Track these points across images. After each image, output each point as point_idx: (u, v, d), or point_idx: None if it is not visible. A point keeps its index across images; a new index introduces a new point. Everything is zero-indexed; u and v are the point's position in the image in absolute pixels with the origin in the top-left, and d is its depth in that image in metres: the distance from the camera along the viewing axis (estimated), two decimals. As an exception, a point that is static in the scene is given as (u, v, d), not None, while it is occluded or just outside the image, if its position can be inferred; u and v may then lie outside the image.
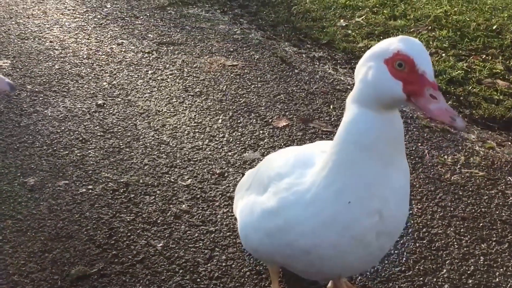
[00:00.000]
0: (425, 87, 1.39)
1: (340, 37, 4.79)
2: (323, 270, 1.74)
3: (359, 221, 1.57)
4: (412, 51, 1.40)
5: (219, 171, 3.02)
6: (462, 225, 2.69)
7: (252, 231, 1.88)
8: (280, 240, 1.72)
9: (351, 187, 1.55)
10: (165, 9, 5.40)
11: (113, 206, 2.72)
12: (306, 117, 3.59)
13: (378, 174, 1.54)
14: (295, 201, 1.66)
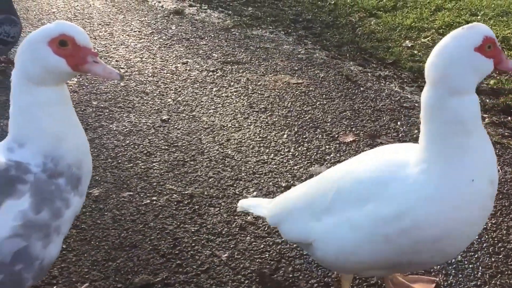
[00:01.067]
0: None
1: (406, 56, 4.66)
2: (446, 253, 1.78)
3: (483, 193, 1.68)
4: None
5: (285, 185, 2.93)
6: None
7: (358, 246, 1.76)
8: (408, 240, 1.69)
9: (469, 166, 1.65)
10: (229, 30, 5.45)
11: (177, 217, 2.67)
12: (373, 133, 3.46)
13: (484, 145, 1.70)
14: (418, 199, 1.66)
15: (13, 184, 1.63)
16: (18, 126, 1.72)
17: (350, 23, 5.54)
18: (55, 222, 1.69)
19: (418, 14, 5.53)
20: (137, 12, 5.89)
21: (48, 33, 1.67)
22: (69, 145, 1.73)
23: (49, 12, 5.76)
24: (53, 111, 1.70)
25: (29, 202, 1.63)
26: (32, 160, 1.69)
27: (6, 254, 1.60)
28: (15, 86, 1.71)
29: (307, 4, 6.16)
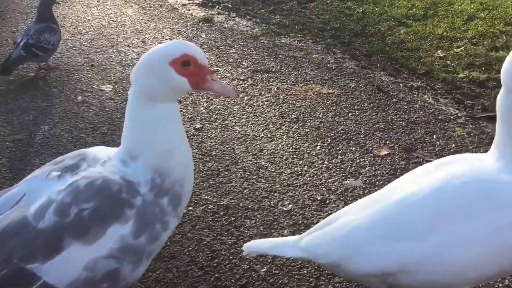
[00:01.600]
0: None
1: (439, 67, 4.62)
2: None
3: None
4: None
5: (320, 198, 2.93)
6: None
7: (479, 259, 1.70)
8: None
9: None
10: (258, 38, 5.46)
11: (214, 228, 2.68)
12: (408, 146, 3.44)
13: None
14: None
15: (122, 208, 1.67)
16: (132, 138, 1.79)
17: (379, 32, 5.51)
18: (150, 247, 1.74)
19: (450, 23, 5.48)
20: (168, 20, 5.94)
21: (171, 53, 1.73)
22: (177, 161, 1.79)
23: (85, 20, 5.84)
24: (166, 127, 1.77)
25: (131, 228, 1.68)
26: (143, 176, 1.74)
27: (98, 272, 1.64)
28: (132, 102, 1.78)
29: (335, 13, 6.15)
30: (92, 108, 3.91)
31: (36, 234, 1.61)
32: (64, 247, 1.60)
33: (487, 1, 6.04)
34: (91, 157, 1.82)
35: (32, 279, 1.59)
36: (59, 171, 1.77)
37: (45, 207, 1.64)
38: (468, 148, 3.42)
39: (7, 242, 1.61)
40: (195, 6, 6.65)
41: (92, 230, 1.62)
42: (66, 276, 1.61)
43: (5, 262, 1.58)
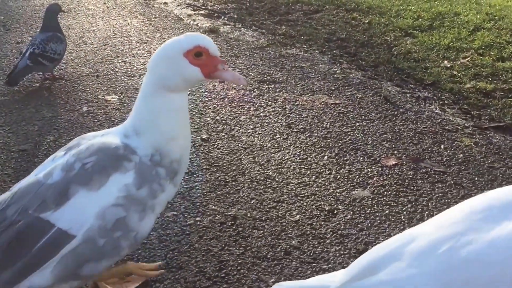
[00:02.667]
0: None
1: (446, 77, 4.61)
2: None
3: None
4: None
5: (328, 208, 2.90)
6: None
7: None
8: None
9: None
10: (264, 49, 5.47)
11: (221, 239, 2.65)
12: (416, 156, 3.41)
13: None
14: None
15: (120, 161, 1.85)
16: (141, 118, 1.94)
17: (385, 42, 5.51)
18: (151, 201, 1.90)
19: (456, 33, 5.48)
20: (173, 30, 5.95)
21: (185, 45, 1.86)
22: (178, 144, 1.96)
23: (90, 30, 5.86)
24: (175, 116, 1.93)
25: (133, 178, 1.85)
26: (143, 150, 1.91)
27: (109, 220, 1.81)
28: (147, 89, 1.92)
29: (341, 23, 6.16)
30: (98, 118, 3.90)
31: (46, 188, 1.80)
32: (72, 194, 1.78)
33: (493, 12, 6.04)
34: (90, 135, 2.03)
35: (46, 227, 1.75)
36: (63, 150, 1.98)
37: (53, 169, 1.86)
38: (475, 158, 3.39)
39: (22, 199, 1.81)
40: (201, 17, 6.67)
41: (95, 178, 1.80)
42: (78, 222, 1.78)
43: (21, 214, 1.77)
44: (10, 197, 1.84)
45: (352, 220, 2.81)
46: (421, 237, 1.59)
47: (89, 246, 1.79)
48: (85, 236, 1.78)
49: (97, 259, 1.84)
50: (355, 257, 2.53)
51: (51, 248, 1.76)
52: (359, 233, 2.71)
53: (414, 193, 3.04)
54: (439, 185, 3.11)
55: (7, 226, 1.77)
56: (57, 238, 1.75)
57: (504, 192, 1.58)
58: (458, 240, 1.50)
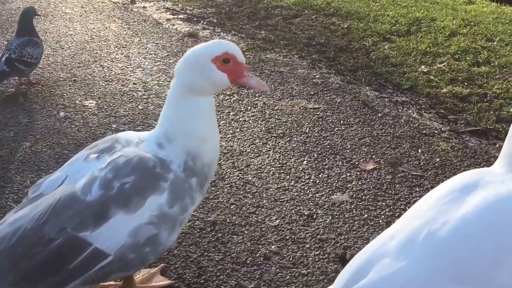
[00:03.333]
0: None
1: (423, 82, 4.66)
2: None
3: None
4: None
5: (307, 213, 2.90)
6: None
7: None
8: None
9: None
10: (243, 54, 5.46)
11: (200, 245, 2.64)
12: (394, 160, 3.44)
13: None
14: None
15: (158, 181, 1.91)
16: (171, 124, 2.01)
17: (364, 47, 5.55)
18: (181, 216, 1.99)
19: (433, 39, 5.55)
20: (152, 35, 5.92)
21: (213, 51, 1.95)
22: (209, 146, 2.04)
23: (67, 34, 5.80)
24: (203, 117, 2.01)
25: (166, 198, 1.91)
26: (176, 158, 1.98)
27: (141, 237, 1.88)
28: (174, 93, 2.00)
29: (320, 28, 6.19)
30: (75, 124, 3.86)
31: (85, 206, 1.83)
32: (111, 215, 1.83)
33: (469, 18, 6.14)
34: (123, 140, 2.05)
35: (84, 245, 1.81)
36: (96, 153, 2.00)
37: (90, 182, 1.87)
38: (452, 162, 3.44)
39: (59, 215, 1.82)
40: (180, 21, 6.65)
41: (134, 200, 1.85)
42: (113, 242, 1.84)
43: (59, 231, 1.80)
44: (47, 210, 1.84)
45: (331, 224, 2.82)
46: (399, 233, 1.70)
47: (119, 261, 1.88)
48: (118, 252, 1.86)
49: (124, 270, 1.96)
50: (334, 261, 2.54)
51: (86, 265, 1.83)
52: (338, 237, 2.72)
53: (392, 197, 3.06)
54: (417, 189, 3.14)
55: (46, 244, 1.80)
56: (93, 256, 1.83)
57: (459, 177, 1.79)
58: (432, 225, 1.63)
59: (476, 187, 1.76)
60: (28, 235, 1.80)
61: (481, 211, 1.65)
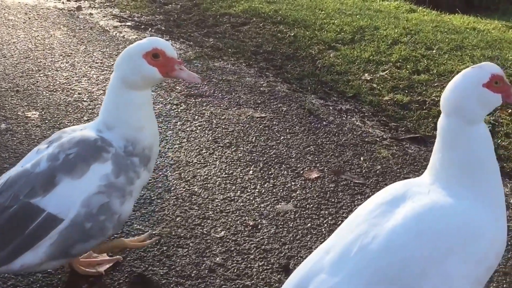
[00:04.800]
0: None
1: (366, 90, 4.80)
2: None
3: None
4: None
5: (252, 223, 2.95)
6: (505, 280, 2.59)
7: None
8: (492, 270, 1.84)
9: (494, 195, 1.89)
10: (191, 62, 5.48)
11: (145, 259, 2.65)
12: (337, 168, 3.54)
13: (496, 174, 1.95)
14: (488, 230, 1.78)
15: (99, 152, 2.13)
16: (110, 114, 2.23)
17: (310, 55, 5.67)
18: (129, 187, 2.19)
19: (376, 47, 5.71)
20: (99, 42, 5.85)
21: (143, 47, 2.15)
22: (146, 133, 2.25)
23: (9, 42, 5.66)
24: (139, 109, 2.21)
25: (111, 168, 2.13)
26: (116, 142, 2.19)
27: (94, 206, 2.08)
28: (113, 87, 2.21)
29: (267, 36, 6.27)
30: (17, 136, 3.78)
31: (34, 176, 2.05)
32: (58, 182, 2.04)
33: (410, 26, 6.35)
34: (69, 130, 2.28)
35: (37, 211, 2.00)
36: (45, 144, 2.22)
37: (39, 159, 2.11)
38: (392, 169, 3.56)
39: (12, 186, 2.04)
40: (127, 29, 6.60)
41: (78, 167, 2.07)
42: (65, 207, 2.04)
43: (13, 200, 2.01)
44: (1, 185, 2.06)
45: (276, 234, 2.88)
46: (333, 248, 1.81)
47: (77, 229, 2.06)
48: (73, 220, 2.05)
49: (85, 240, 2.12)
50: (278, 271, 2.60)
51: (41, 230, 2.00)
52: (282, 247, 2.79)
53: (335, 205, 3.15)
54: (359, 197, 3.24)
55: (1, 212, 1.99)
56: (47, 221, 2.01)
57: (388, 190, 1.92)
58: (364, 239, 1.74)
59: (404, 198, 1.87)
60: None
61: (408, 223, 1.76)
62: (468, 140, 1.85)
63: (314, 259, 1.86)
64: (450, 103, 1.87)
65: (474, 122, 1.85)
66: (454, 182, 1.84)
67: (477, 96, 1.84)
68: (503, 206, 1.89)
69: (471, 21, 7.11)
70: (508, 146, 3.82)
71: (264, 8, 7.17)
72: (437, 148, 1.91)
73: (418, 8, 8.04)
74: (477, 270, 1.75)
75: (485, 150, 1.87)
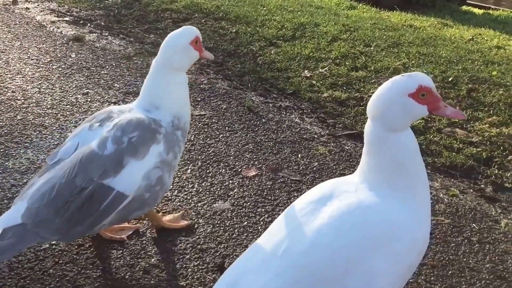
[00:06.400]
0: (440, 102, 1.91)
1: (305, 87, 4.87)
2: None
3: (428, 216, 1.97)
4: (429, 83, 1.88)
5: (189, 222, 2.95)
6: (432, 273, 2.69)
7: (396, 285, 1.86)
8: (414, 268, 1.92)
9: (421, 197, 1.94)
10: (131, 59, 5.41)
11: (78, 262, 2.61)
12: (275, 166, 3.58)
13: (422, 179, 2.02)
14: (415, 224, 1.85)
15: (155, 134, 2.47)
16: (156, 95, 2.57)
17: (251, 52, 5.69)
18: (174, 161, 2.58)
19: (316, 44, 5.80)
20: (35, 38, 5.68)
21: (189, 36, 2.61)
22: (186, 109, 2.67)
23: None
24: (182, 88, 2.65)
25: (163, 147, 2.49)
26: (164, 120, 2.55)
27: (152, 179, 2.44)
28: (158, 71, 2.58)
29: (209, 32, 6.25)
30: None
31: (105, 158, 2.33)
32: (125, 164, 2.35)
33: (349, 23, 6.48)
34: (116, 110, 2.57)
35: (108, 190, 2.31)
36: (97, 122, 2.50)
37: (103, 141, 2.37)
38: (329, 165, 3.64)
39: (86, 169, 2.30)
40: (65, 24, 6.44)
41: (140, 150, 2.40)
42: (131, 185, 2.36)
43: (88, 181, 2.28)
44: (75, 166, 2.30)
45: (212, 233, 2.89)
46: (262, 248, 1.86)
47: (137, 200, 2.41)
48: (136, 193, 2.38)
49: (141, 208, 2.48)
50: (213, 271, 2.62)
51: (112, 206, 2.32)
52: (218, 246, 2.80)
53: (271, 203, 3.20)
54: (295, 194, 3.29)
55: (78, 193, 2.26)
56: (116, 198, 2.32)
57: (317, 188, 1.98)
58: (292, 238, 1.80)
59: (331, 197, 1.91)
60: (63, 188, 2.25)
61: (334, 222, 1.80)
62: (390, 147, 1.86)
63: (244, 259, 1.89)
64: (375, 109, 1.87)
65: (397, 130, 1.86)
66: (380, 184, 1.88)
67: (400, 105, 1.83)
68: (427, 207, 1.95)
69: (408, 18, 7.32)
70: (439, 141, 3.97)
71: (206, 3, 7.15)
72: (364, 151, 1.95)
73: (358, 5, 8.21)
74: (400, 267, 1.81)
75: (408, 158, 1.88)
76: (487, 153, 3.82)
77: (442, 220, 3.11)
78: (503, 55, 5.78)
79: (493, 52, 5.91)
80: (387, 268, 1.76)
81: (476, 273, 2.71)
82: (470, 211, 3.22)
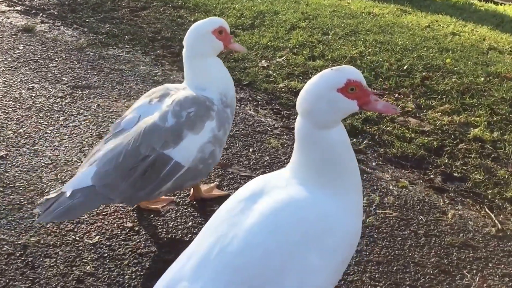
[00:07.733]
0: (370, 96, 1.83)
1: (262, 77, 4.75)
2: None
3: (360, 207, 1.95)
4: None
5: (130, 225, 2.83)
6: (377, 270, 2.63)
7: (333, 279, 1.83)
8: (347, 261, 1.88)
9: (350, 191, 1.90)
10: (83, 50, 5.20)
11: (6, 273, 2.46)
12: (225, 161, 3.47)
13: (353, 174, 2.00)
14: (346, 218, 1.82)
15: (209, 111, 2.66)
16: (199, 78, 2.75)
17: (209, 41, 5.52)
18: (224, 138, 2.77)
19: (274, 32, 5.67)
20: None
21: (210, 25, 2.73)
22: (229, 85, 2.85)
23: None
24: (217, 68, 2.82)
25: (216, 124, 2.67)
26: (215, 98, 2.73)
27: (206, 152, 2.63)
28: (185, 60, 2.76)
29: (167, 21, 6.07)
30: None
31: (165, 130, 2.53)
32: (184, 137, 2.55)
33: (309, 11, 6.36)
34: (173, 88, 2.77)
35: (168, 160, 2.51)
36: (157, 97, 2.70)
37: (164, 114, 2.57)
38: (280, 159, 3.54)
39: (149, 138, 2.49)
40: (16, 14, 6.18)
41: (197, 124, 2.59)
42: (188, 156, 2.56)
43: (151, 150, 2.47)
44: (139, 136, 2.48)
45: (154, 236, 2.77)
46: (194, 253, 1.77)
47: (192, 170, 2.60)
48: (192, 164, 2.59)
49: (194, 178, 2.69)
50: (154, 277, 2.50)
51: (170, 174, 2.52)
52: (160, 250, 2.68)
53: (219, 200, 3.08)
54: (243, 191, 3.18)
55: (142, 160, 2.45)
56: (174, 167, 2.53)
57: (247, 186, 1.91)
58: (224, 240, 1.72)
59: (261, 194, 1.83)
60: (129, 154, 2.44)
61: (265, 220, 1.73)
62: (319, 144, 1.79)
63: (176, 266, 1.81)
64: (303, 105, 1.78)
65: (326, 126, 1.77)
66: (310, 179, 1.81)
67: (327, 101, 1.74)
68: (359, 201, 1.90)
69: (368, 5, 7.22)
70: (392, 131, 3.90)
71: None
72: (294, 147, 1.86)
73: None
74: (334, 261, 1.76)
75: (338, 155, 1.80)
76: (438, 142, 3.77)
77: (390, 213, 3.05)
78: (457, 42, 5.74)
79: (448, 39, 5.87)
80: (322, 264, 1.72)
81: (421, 268, 2.65)
82: (419, 203, 3.16)
